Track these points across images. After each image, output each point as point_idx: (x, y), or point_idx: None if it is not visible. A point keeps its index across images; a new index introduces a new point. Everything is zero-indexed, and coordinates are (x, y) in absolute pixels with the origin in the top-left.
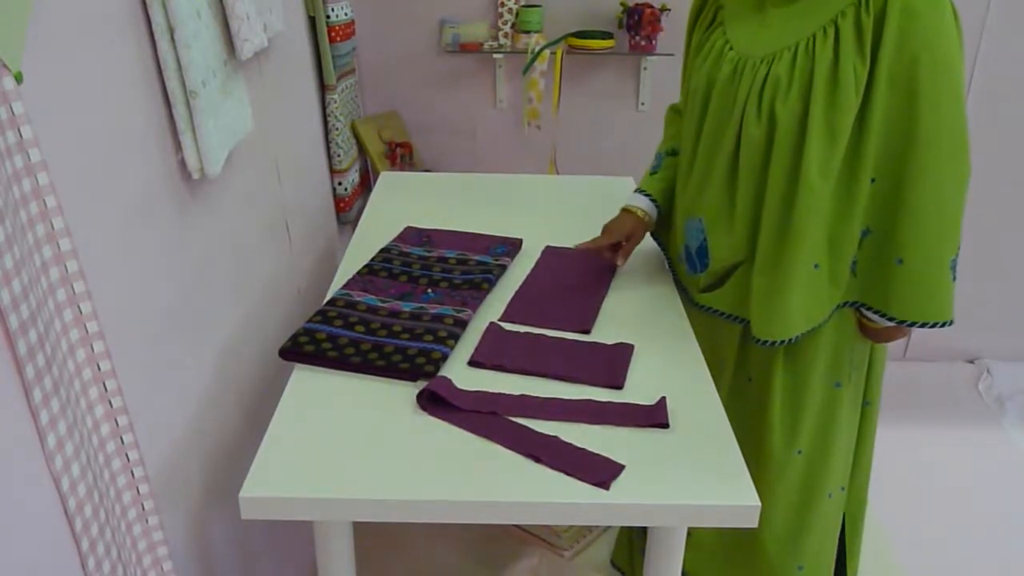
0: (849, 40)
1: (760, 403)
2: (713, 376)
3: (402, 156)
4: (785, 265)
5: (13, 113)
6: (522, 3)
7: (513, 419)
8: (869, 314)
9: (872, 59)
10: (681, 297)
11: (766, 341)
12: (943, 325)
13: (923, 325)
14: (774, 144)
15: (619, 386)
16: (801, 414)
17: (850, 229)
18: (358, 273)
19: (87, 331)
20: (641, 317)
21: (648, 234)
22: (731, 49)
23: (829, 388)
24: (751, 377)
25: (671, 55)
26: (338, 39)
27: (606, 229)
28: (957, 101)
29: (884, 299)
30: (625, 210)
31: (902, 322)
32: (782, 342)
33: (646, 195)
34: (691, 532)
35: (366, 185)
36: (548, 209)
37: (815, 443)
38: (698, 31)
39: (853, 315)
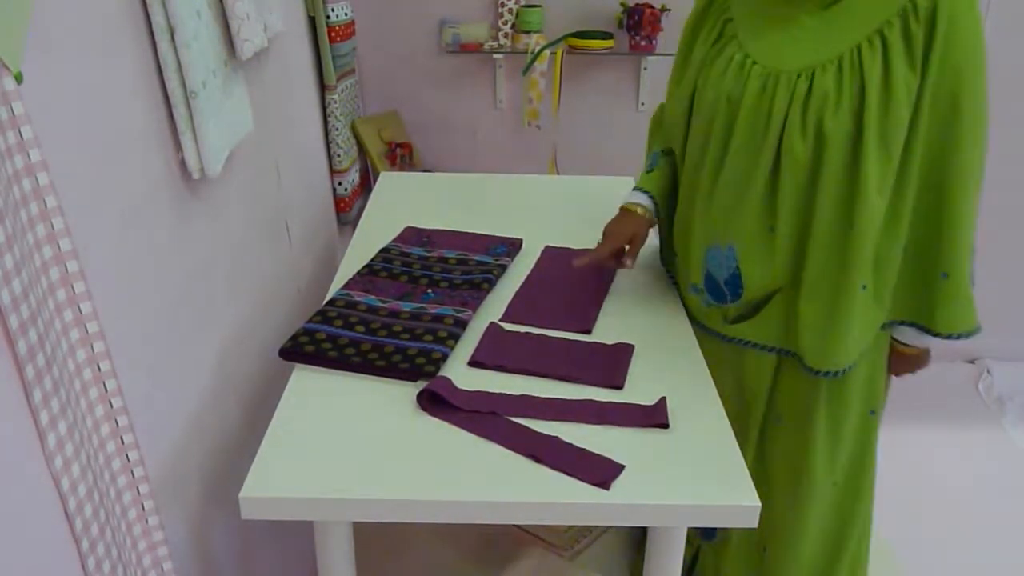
0: (899, 51)
1: (798, 439)
2: (738, 412)
3: (402, 156)
4: (841, 289)
5: (13, 113)
6: (522, 3)
7: (513, 419)
8: (906, 335)
9: (922, 70)
10: (694, 327)
11: (826, 372)
12: (970, 335)
13: (958, 336)
14: (823, 161)
15: (619, 386)
16: (840, 445)
17: (896, 246)
18: (358, 273)
19: (87, 331)
20: (641, 317)
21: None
22: (755, 63)
23: (865, 416)
24: (781, 414)
25: (671, 55)
26: (338, 39)
27: (607, 234)
28: (985, 108)
29: (929, 314)
30: (624, 209)
31: (948, 336)
32: (843, 371)
33: (645, 192)
34: (721, 568)
35: (366, 185)
36: (548, 209)
37: (850, 471)
38: (701, 45)
39: (887, 339)
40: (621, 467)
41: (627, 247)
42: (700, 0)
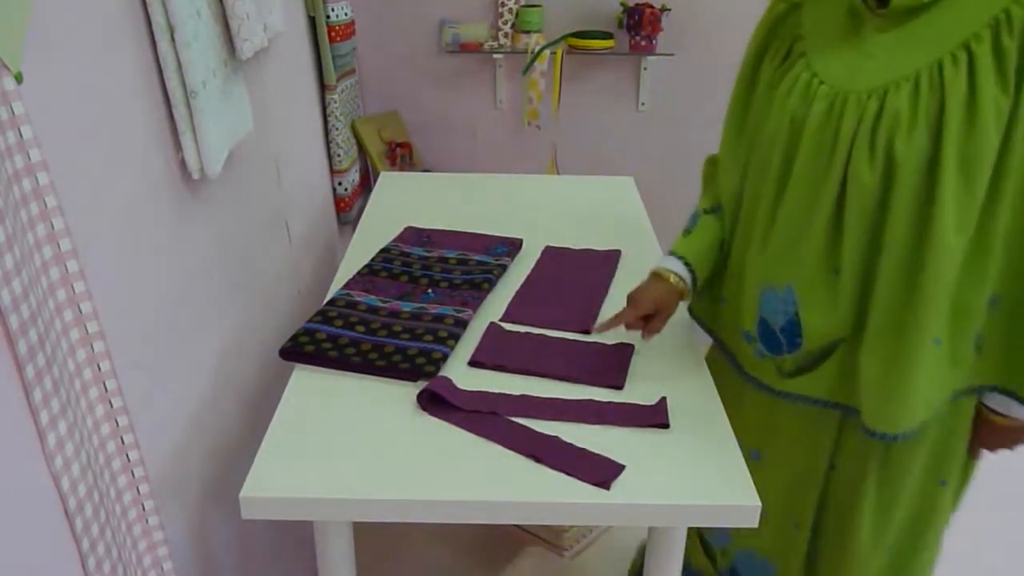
0: (987, 68)
1: (848, 494)
2: (796, 475)
3: (402, 156)
4: (907, 341)
5: (13, 113)
6: (522, 3)
7: (513, 419)
8: (999, 403)
9: (1016, 90)
10: (735, 378)
11: (883, 434)
12: None
13: None
14: (892, 190)
15: (619, 386)
16: (894, 512)
17: (979, 296)
18: (358, 273)
19: (87, 331)
20: None
21: (689, 311)
22: (822, 83)
23: (932, 485)
24: (835, 464)
25: (671, 55)
26: (338, 39)
27: (632, 299)
28: None
29: None
30: (655, 275)
31: None
32: (904, 435)
33: (679, 259)
34: None
35: (366, 185)
36: (548, 209)
37: (906, 539)
38: (767, 67)
39: (971, 404)
40: (621, 467)
41: (652, 317)
42: (768, 17)
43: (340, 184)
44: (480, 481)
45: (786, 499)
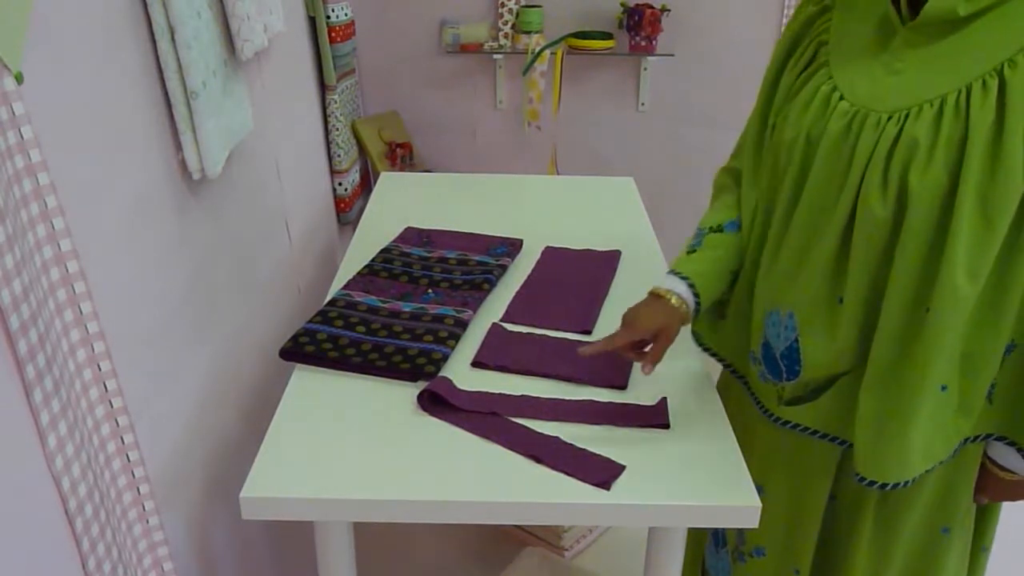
0: (1020, 98)
1: (846, 528)
2: (797, 512)
3: (402, 156)
4: (908, 385)
5: (13, 114)
6: (522, 3)
7: (513, 419)
8: (1003, 455)
9: None
10: (748, 400)
11: (872, 482)
12: None
13: None
14: (904, 226)
15: (623, 386)
16: (890, 558)
17: (994, 344)
18: (358, 273)
19: (87, 331)
20: None
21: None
22: (842, 98)
23: (934, 533)
24: (835, 494)
25: (671, 55)
26: (338, 39)
27: (627, 321)
28: None
29: None
30: (654, 295)
31: None
32: (894, 485)
33: (683, 278)
34: None
35: (366, 185)
36: (548, 209)
37: None
38: (789, 73)
39: (977, 452)
40: (621, 467)
41: (651, 341)
42: (796, 20)
43: (340, 184)
44: (480, 481)
45: (785, 539)
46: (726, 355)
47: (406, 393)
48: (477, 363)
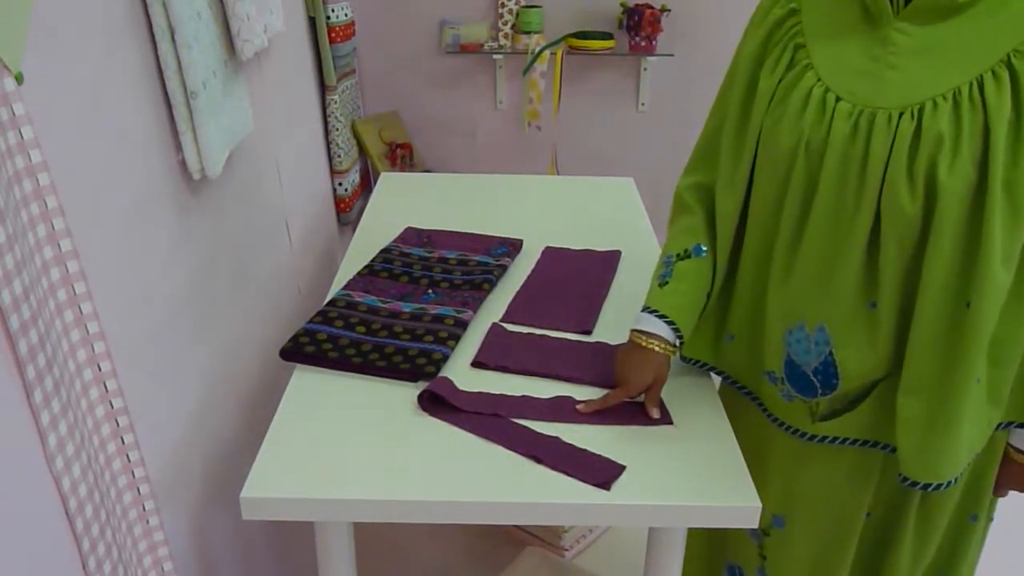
0: None
1: (884, 539)
2: (826, 545)
3: (402, 157)
4: (952, 383)
5: (14, 114)
6: (522, 4)
7: (514, 420)
8: (1021, 440)
9: None
10: (760, 420)
11: (925, 485)
12: None
13: None
14: (936, 221)
15: None
16: (927, 550)
17: (1021, 332)
18: (358, 274)
19: (88, 332)
20: None
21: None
22: (839, 99)
23: (963, 520)
24: (872, 511)
25: (671, 55)
26: (338, 40)
27: (622, 381)
28: None
29: None
30: (637, 347)
31: None
32: (946, 485)
33: (660, 316)
34: None
35: (366, 185)
36: (548, 209)
37: (936, 573)
38: (767, 79)
39: (1002, 439)
40: (622, 467)
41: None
42: (763, 23)
43: (340, 185)
44: (480, 481)
45: (813, 570)
46: (734, 374)
47: (406, 393)
48: (477, 363)
